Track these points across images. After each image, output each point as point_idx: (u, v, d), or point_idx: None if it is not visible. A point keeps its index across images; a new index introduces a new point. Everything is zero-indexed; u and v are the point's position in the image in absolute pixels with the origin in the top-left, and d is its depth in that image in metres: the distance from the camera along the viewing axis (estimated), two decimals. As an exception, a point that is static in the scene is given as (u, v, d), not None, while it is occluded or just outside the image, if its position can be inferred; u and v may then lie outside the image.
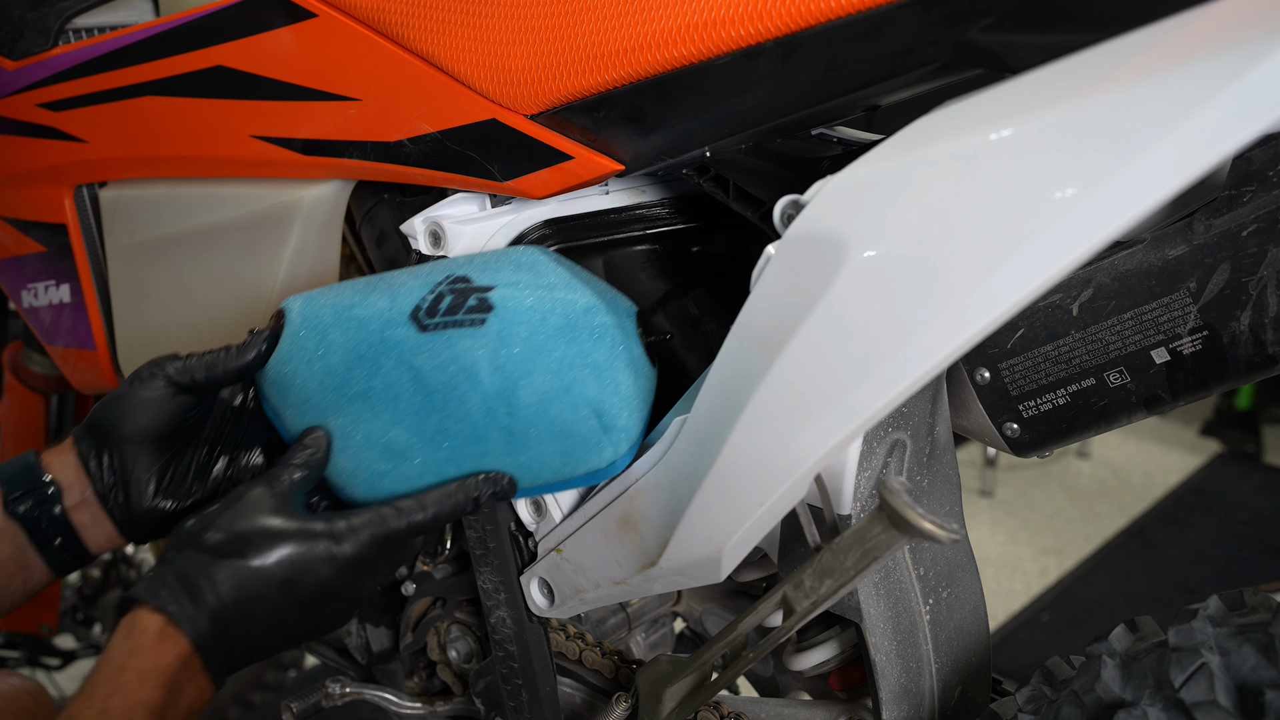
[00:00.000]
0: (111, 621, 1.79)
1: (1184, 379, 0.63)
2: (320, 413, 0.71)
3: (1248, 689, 0.52)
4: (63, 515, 0.67)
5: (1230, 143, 0.43)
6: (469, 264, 0.72)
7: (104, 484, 0.68)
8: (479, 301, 0.70)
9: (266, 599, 0.62)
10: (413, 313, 0.70)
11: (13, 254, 1.08)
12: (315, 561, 0.63)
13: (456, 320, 0.69)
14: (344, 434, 0.70)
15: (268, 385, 0.73)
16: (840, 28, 0.55)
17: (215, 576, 0.60)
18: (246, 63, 0.81)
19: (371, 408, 0.70)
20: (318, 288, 0.74)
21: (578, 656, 0.84)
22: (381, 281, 0.73)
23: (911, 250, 0.51)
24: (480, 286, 0.70)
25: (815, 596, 0.59)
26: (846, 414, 0.53)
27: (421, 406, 0.69)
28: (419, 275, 0.72)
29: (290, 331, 0.71)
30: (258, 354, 0.70)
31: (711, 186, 0.72)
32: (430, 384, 0.68)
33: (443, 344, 0.69)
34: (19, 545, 0.66)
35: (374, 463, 0.70)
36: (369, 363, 0.69)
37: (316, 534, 0.63)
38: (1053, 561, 2.52)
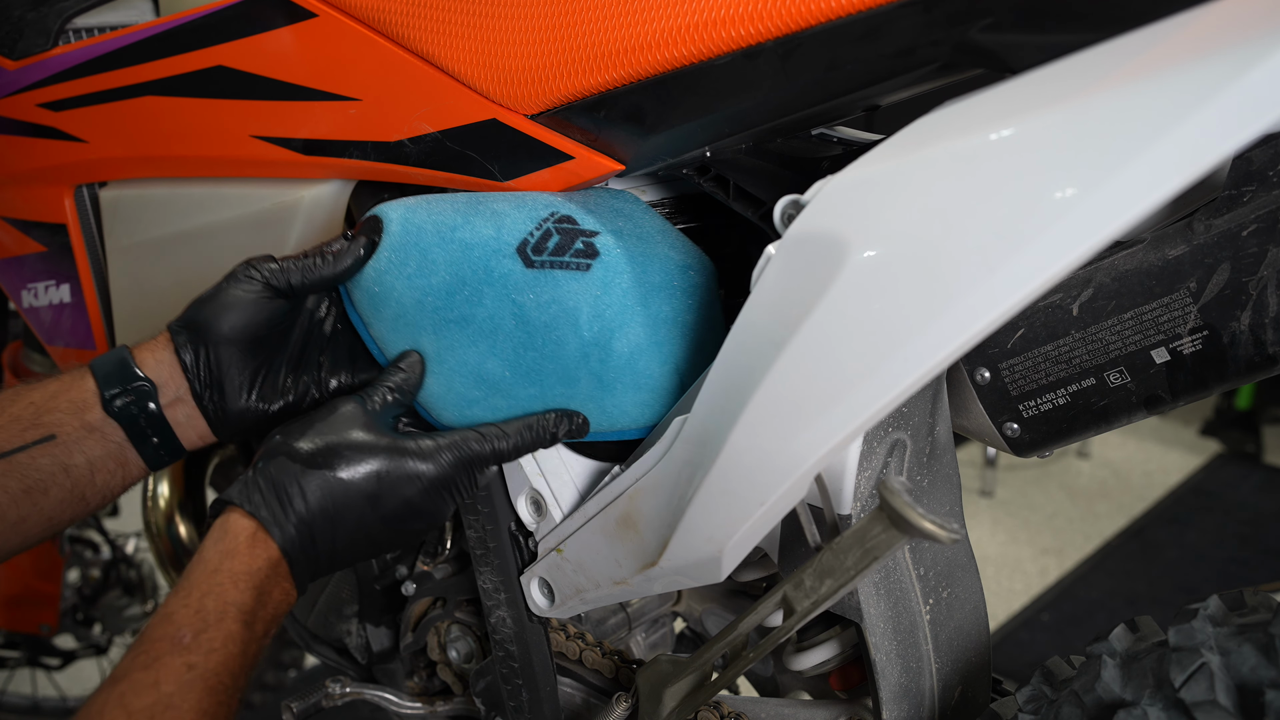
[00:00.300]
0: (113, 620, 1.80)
1: (1184, 379, 0.63)
2: (414, 331, 0.70)
3: (1248, 689, 0.52)
4: (158, 412, 0.67)
5: (1230, 143, 0.43)
6: (570, 202, 0.73)
7: (200, 381, 0.68)
8: (585, 246, 0.70)
9: (353, 510, 0.64)
10: (520, 246, 0.69)
11: (13, 254, 1.08)
12: (402, 478, 0.65)
13: (563, 261, 0.70)
14: (437, 357, 0.70)
15: (358, 293, 0.72)
16: (840, 28, 0.55)
17: (305, 485, 0.63)
18: (247, 63, 0.81)
19: (469, 336, 0.69)
20: (411, 197, 0.72)
21: (578, 656, 0.84)
22: (480, 205, 0.72)
23: (912, 250, 0.51)
24: (586, 230, 0.71)
25: (815, 596, 0.59)
26: (847, 414, 0.53)
27: (520, 342, 0.69)
28: (522, 206, 0.72)
29: (390, 243, 0.70)
30: (354, 261, 0.69)
31: (712, 186, 0.72)
32: (532, 322, 0.69)
33: (548, 283, 0.69)
34: (118, 442, 0.67)
35: (465, 389, 0.70)
36: (472, 290, 0.69)
37: (405, 451, 0.65)
38: (1053, 561, 2.52)
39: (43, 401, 0.66)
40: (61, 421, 0.65)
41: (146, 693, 0.53)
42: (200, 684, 0.54)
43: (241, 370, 0.69)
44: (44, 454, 0.64)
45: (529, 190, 0.73)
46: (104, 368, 0.67)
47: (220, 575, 0.59)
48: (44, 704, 1.94)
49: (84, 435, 0.66)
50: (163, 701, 0.52)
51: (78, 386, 0.66)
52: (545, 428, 0.69)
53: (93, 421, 0.66)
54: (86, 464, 0.66)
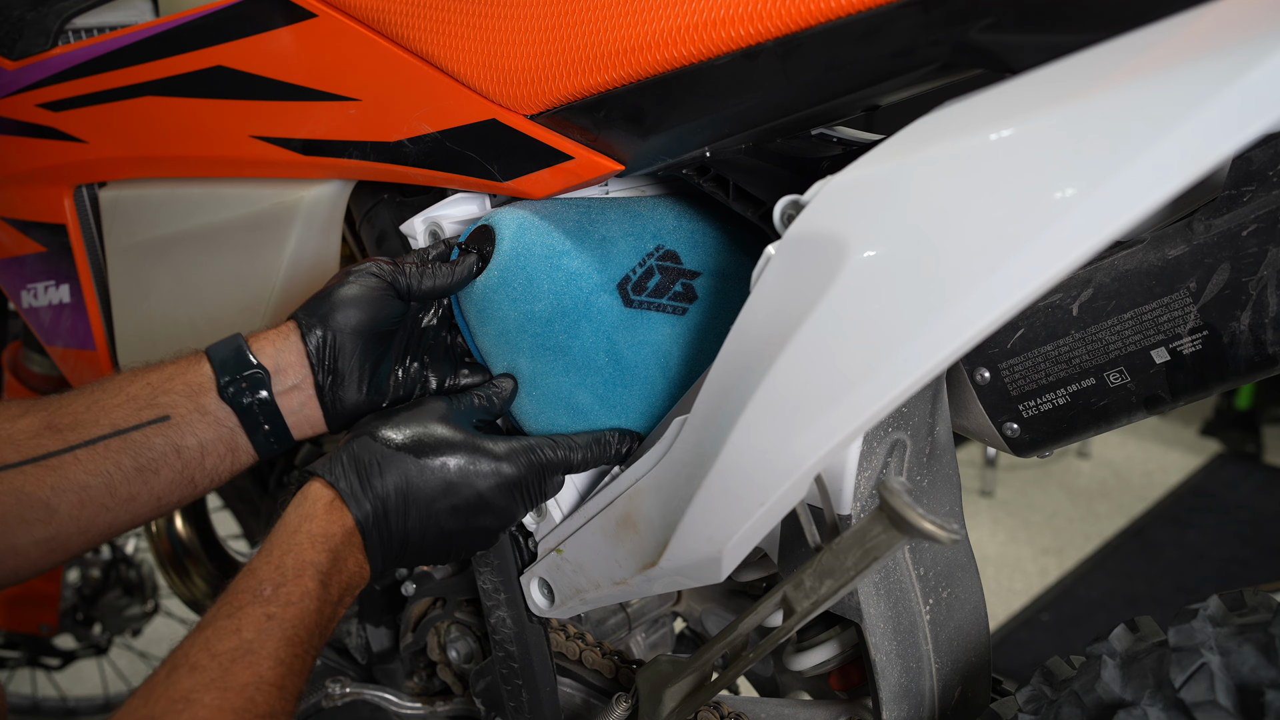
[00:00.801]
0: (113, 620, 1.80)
1: (1184, 379, 0.63)
2: (514, 351, 0.73)
3: (1248, 689, 0.52)
4: (271, 400, 0.68)
5: (1230, 143, 0.43)
6: (680, 231, 0.75)
7: (323, 370, 0.70)
8: (684, 289, 0.73)
9: (426, 495, 0.66)
10: (621, 282, 0.71)
11: (12, 254, 1.08)
12: (476, 473, 0.67)
13: (660, 304, 0.72)
14: (533, 380, 0.73)
15: (467, 303, 0.74)
16: (840, 28, 0.55)
17: (384, 464, 0.66)
18: (246, 63, 0.81)
19: (564, 366, 0.71)
20: (524, 207, 0.73)
21: (578, 656, 0.84)
22: (590, 227, 0.73)
23: (911, 250, 0.51)
24: (687, 271, 0.74)
25: (815, 596, 0.59)
26: (847, 414, 0.53)
27: (611, 379, 0.72)
28: (630, 234, 0.73)
29: (499, 262, 0.71)
30: (467, 276, 0.72)
31: (711, 187, 0.72)
32: (624, 360, 0.71)
33: (644, 324, 0.72)
34: (230, 427, 0.68)
35: (555, 414, 0.73)
36: (570, 321, 0.71)
37: (480, 448, 0.68)
38: (1053, 561, 2.52)
39: (159, 383, 0.67)
40: (176, 403, 0.67)
41: (229, 638, 0.56)
42: (278, 633, 0.57)
43: (360, 364, 0.71)
44: (158, 434, 0.66)
45: (528, 190, 0.72)
46: (220, 353, 0.69)
47: (299, 536, 0.62)
48: (44, 704, 1.94)
49: (197, 418, 0.67)
50: (243, 646, 0.56)
51: (194, 370, 0.68)
52: (611, 444, 0.72)
53: (207, 405, 0.67)
54: (198, 446, 0.67)
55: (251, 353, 0.68)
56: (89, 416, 0.65)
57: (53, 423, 0.65)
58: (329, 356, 0.70)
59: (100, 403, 0.66)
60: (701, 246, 0.76)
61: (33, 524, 0.63)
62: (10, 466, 0.63)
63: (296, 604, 0.59)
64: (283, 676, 0.56)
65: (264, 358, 0.69)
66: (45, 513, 0.63)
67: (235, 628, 0.57)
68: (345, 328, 0.69)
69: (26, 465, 0.63)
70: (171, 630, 2.09)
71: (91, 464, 0.64)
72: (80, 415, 0.65)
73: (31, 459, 0.63)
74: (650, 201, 0.78)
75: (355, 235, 0.94)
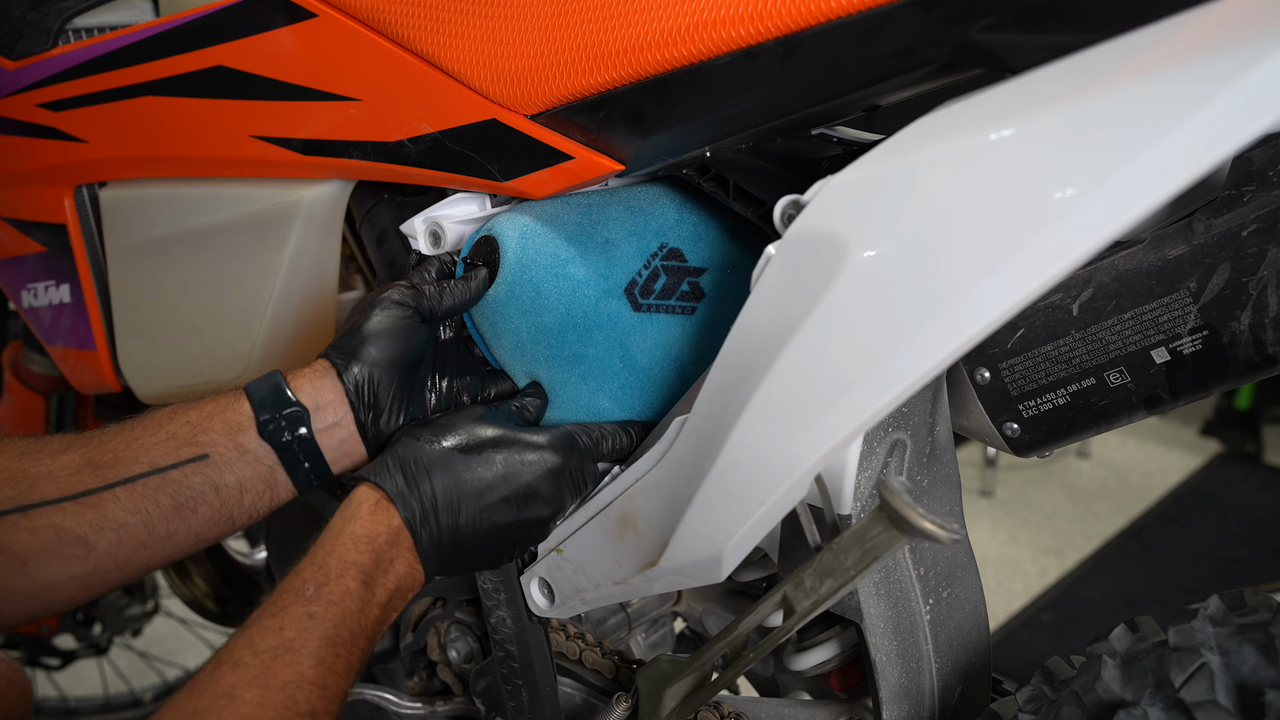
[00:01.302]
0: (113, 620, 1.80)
1: (1184, 379, 0.63)
2: (531, 363, 0.74)
3: (1248, 689, 0.52)
4: (310, 438, 0.68)
5: (1231, 143, 0.43)
6: (682, 226, 0.75)
7: (364, 408, 0.70)
8: (691, 287, 0.74)
9: (475, 490, 0.67)
10: (628, 287, 0.72)
11: (12, 254, 1.08)
12: (523, 463, 0.68)
13: (668, 305, 0.73)
14: (553, 389, 0.74)
15: (479, 317, 0.75)
16: (841, 28, 0.55)
17: (431, 464, 0.66)
18: (246, 63, 0.81)
19: (581, 375, 0.72)
20: (524, 213, 0.73)
21: (578, 656, 0.84)
22: (593, 229, 0.73)
23: (912, 250, 0.51)
24: (692, 268, 0.74)
25: (816, 596, 0.59)
26: (847, 414, 0.53)
27: (628, 383, 0.72)
28: (633, 235, 0.74)
29: (505, 275, 0.72)
30: (483, 289, 0.73)
31: (711, 186, 0.72)
32: (638, 365, 0.72)
33: (654, 327, 0.73)
34: (269, 465, 0.68)
35: (579, 420, 0.73)
36: (582, 331, 0.71)
37: (524, 440, 0.69)
38: (1053, 561, 2.52)
39: (198, 421, 0.67)
40: (215, 441, 0.67)
41: (271, 636, 0.57)
42: (319, 632, 0.58)
43: (397, 394, 0.71)
44: (196, 472, 0.66)
45: (528, 190, 0.72)
46: (259, 392, 0.69)
47: (342, 538, 0.63)
48: (44, 704, 1.94)
49: (237, 457, 0.67)
50: (285, 645, 0.57)
51: (233, 409, 0.68)
52: (633, 432, 0.73)
53: (246, 444, 0.67)
54: (237, 484, 0.67)
55: (290, 390, 0.68)
56: (129, 454, 0.65)
57: (93, 459, 0.65)
58: (369, 393, 0.70)
59: (140, 440, 0.66)
60: (705, 241, 0.76)
61: (70, 560, 0.63)
62: (50, 503, 0.63)
63: (338, 604, 0.59)
64: (324, 675, 0.57)
65: (302, 395, 0.68)
66: (83, 549, 0.63)
67: (278, 626, 0.57)
68: (381, 362, 0.70)
69: (66, 502, 0.63)
70: (171, 630, 2.09)
71: (130, 502, 0.64)
72: (120, 453, 0.65)
73: (71, 495, 0.63)
74: (651, 194, 0.77)
75: (355, 235, 0.94)
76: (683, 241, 0.75)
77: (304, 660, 0.56)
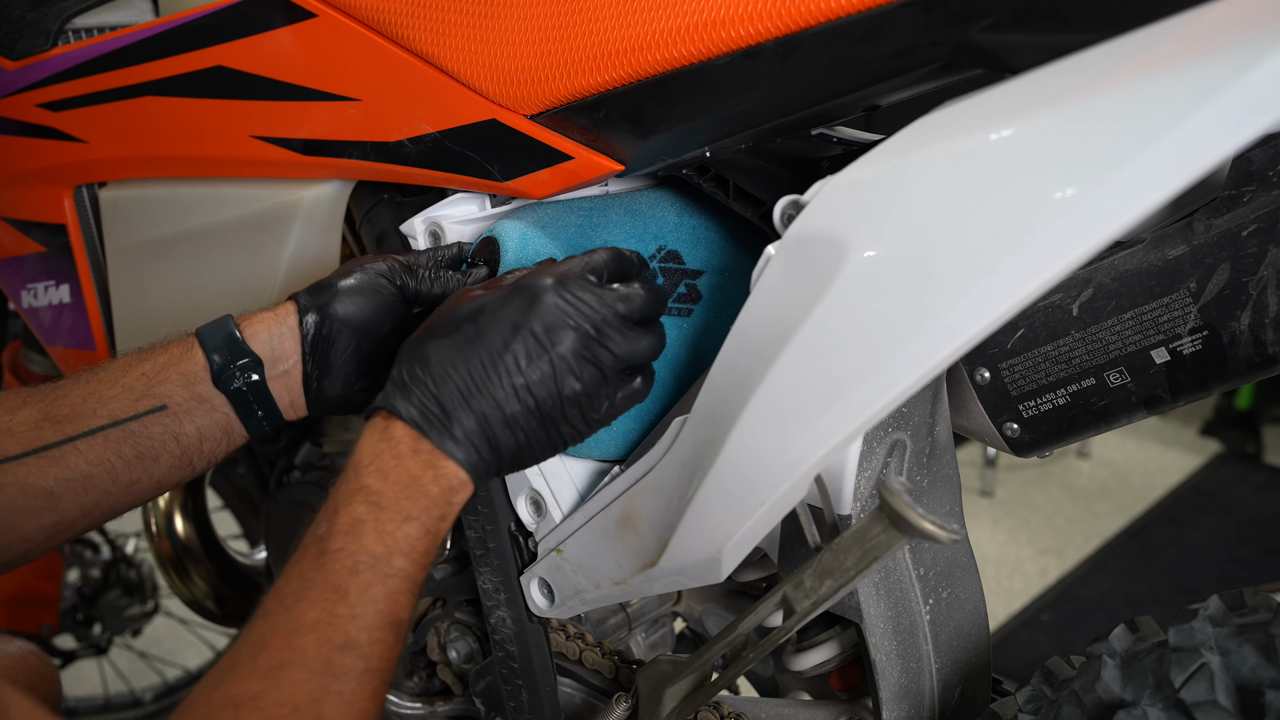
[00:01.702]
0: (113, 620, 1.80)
1: (1184, 379, 0.63)
2: None
3: (1248, 689, 0.52)
4: (263, 385, 0.68)
5: (1231, 143, 0.43)
6: (682, 229, 0.76)
7: (313, 360, 0.70)
8: (689, 289, 0.74)
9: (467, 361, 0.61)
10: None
11: (12, 254, 1.08)
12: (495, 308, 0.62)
13: (667, 308, 0.72)
14: None
15: None
16: (841, 28, 0.55)
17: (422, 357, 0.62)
18: (246, 63, 0.81)
19: None
20: (526, 216, 0.73)
21: (578, 656, 0.84)
22: (593, 232, 0.73)
23: (911, 250, 0.51)
24: (690, 270, 0.75)
25: (816, 596, 0.59)
26: (847, 414, 0.53)
27: None
28: (632, 235, 0.74)
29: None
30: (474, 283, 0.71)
31: (711, 187, 0.72)
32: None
33: None
34: (225, 413, 0.69)
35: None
36: None
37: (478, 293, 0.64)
38: (1053, 561, 2.52)
39: (153, 373, 0.68)
40: (172, 392, 0.67)
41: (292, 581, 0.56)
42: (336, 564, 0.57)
43: (348, 358, 0.70)
44: (156, 423, 0.67)
45: (527, 190, 0.72)
46: (213, 339, 0.68)
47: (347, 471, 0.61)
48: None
49: (194, 406, 0.68)
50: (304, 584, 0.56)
51: (188, 359, 0.68)
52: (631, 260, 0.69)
53: (202, 393, 0.68)
54: (195, 432, 0.68)
55: (244, 338, 0.68)
56: (86, 408, 0.66)
57: (50, 414, 0.65)
58: (321, 346, 0.69)
59: (96, 394, 0.67)
60: (704, 243, 0.76)
61: (39, 512, 0.64)
62: (13, 459, 0.63)
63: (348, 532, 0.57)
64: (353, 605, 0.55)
65: (258, 343, 0.68)
66: (50, 501, 0.64)
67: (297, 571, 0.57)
68: (344, 320, 0.69)
69: (28, 457, 0.64)
70: (171, 630, 2.09)
71: (92, 454, 0.65)
72: (77, 406, 0.66)
73: (32, 450, 0.64)
74: (651, 198, 0.78)
75: (355, 235, 0.94)
76: (681, 244, 0.75)
77: (326, 595, 0.55)
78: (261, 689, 0.50)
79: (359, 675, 0.53)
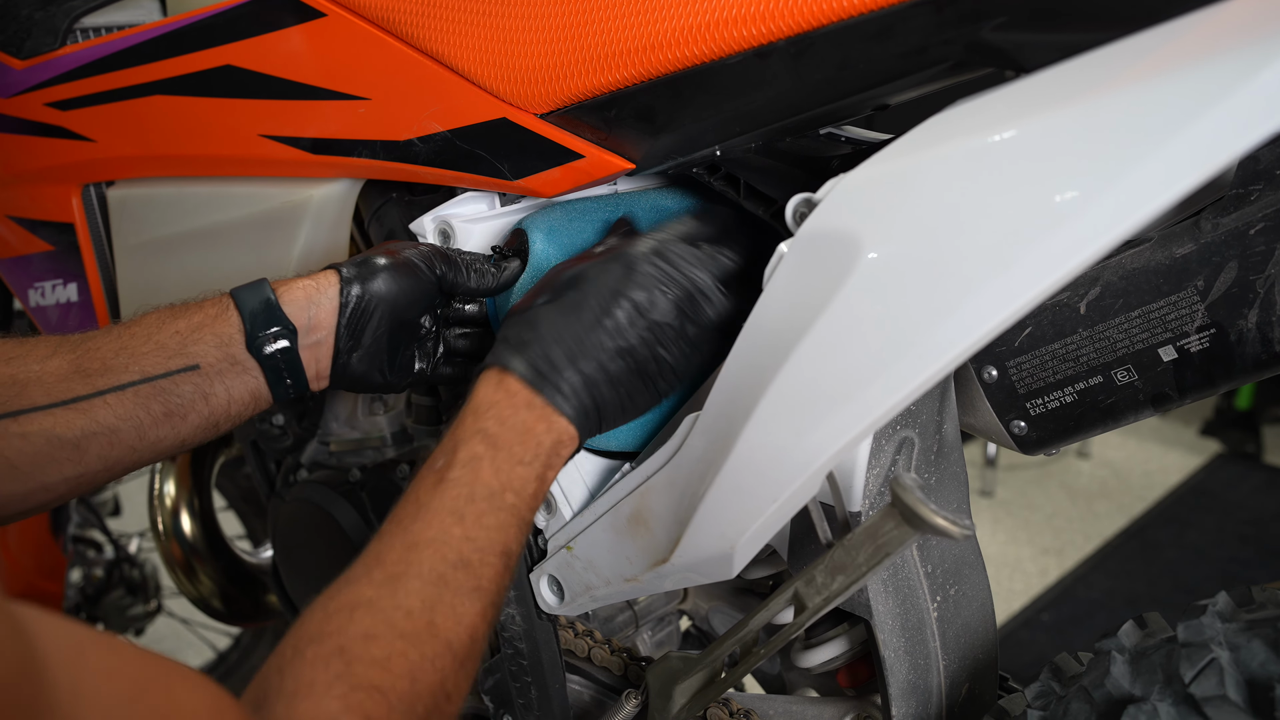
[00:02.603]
0: (116, 619, 1.80)
1: (1191, 377, 0.63)
2: None
3: (1258, 684, 0.52)
4: (295, 354, 0.69)
5: (1242, 143, 0.43)
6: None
7: (349, 335, 0.70)
8: None
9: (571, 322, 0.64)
10: None
11: (20, 253, 1.09)
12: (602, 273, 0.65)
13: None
14: None
15: (503, 305, 0.75)
16: (852, 27, 0.56)
17: (535, 320, 0.65)
18: (255, 62, 0.82)
19: None
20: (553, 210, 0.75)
21: (587, 654, 0.85)
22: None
23: (924, 249, 0.51)
24: None
25: (827, 593, 0.59)
26: (859, 412, 0.53)
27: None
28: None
29: (531, 266, 0.73)
30: (512, 280, 0.74)
31: (722, 185, 0.72)
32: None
33: None
34: (256, 378, 0.69)
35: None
36: None
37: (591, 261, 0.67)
38: (1053, 561, 2.52)
39: (188, 331, 0.68)
40: (205, 353, 0.67)
41: (408, 505, 0.59)
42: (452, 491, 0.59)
43: (380, 338, 0.71)
44: (187, 381, 0.67)
45: (538, 189, 0.73)
46: (249, 304, 0.68)
47: (464, 416, 0.63)
48: (46, 704, 1.94)
49: (226, 368, 0.68)
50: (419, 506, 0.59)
51: (223, 320, 0.68)
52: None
53: (235, 355, 0.68)
54: (225, 393, 0.68)
55: (281, 306, 0.68)
56: (118, 362, 0.66)
57: (81, 366, 0.65)
58: (357, 320, 0.70)
59: (129, 348, 0.66)
60: None
61: (63, 463, 0.64)
62: (41, 409, 0.63)
63: (466, 465, 0.60)
64: (467, 529, 0.58)
65: (294, 310, 0.69)
66: (75, 453, 0.64)
67: (413, 496, 0.59)
68: (384, 297, 0.70)
69: (57, 408, 0.63)
70: (173, 630, 2.09)
71: (121, 409, 0.65)
72: (109, 360, 0.66)
73: (62, 402, 0.64)
74: (676, 195, 0.78)
75: (364, 234, 0.94)
76: None
77: (442, 518, 0.57)
78: (377, 595, 0.53)
79: (470, 591, 0.56)
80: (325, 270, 0.71)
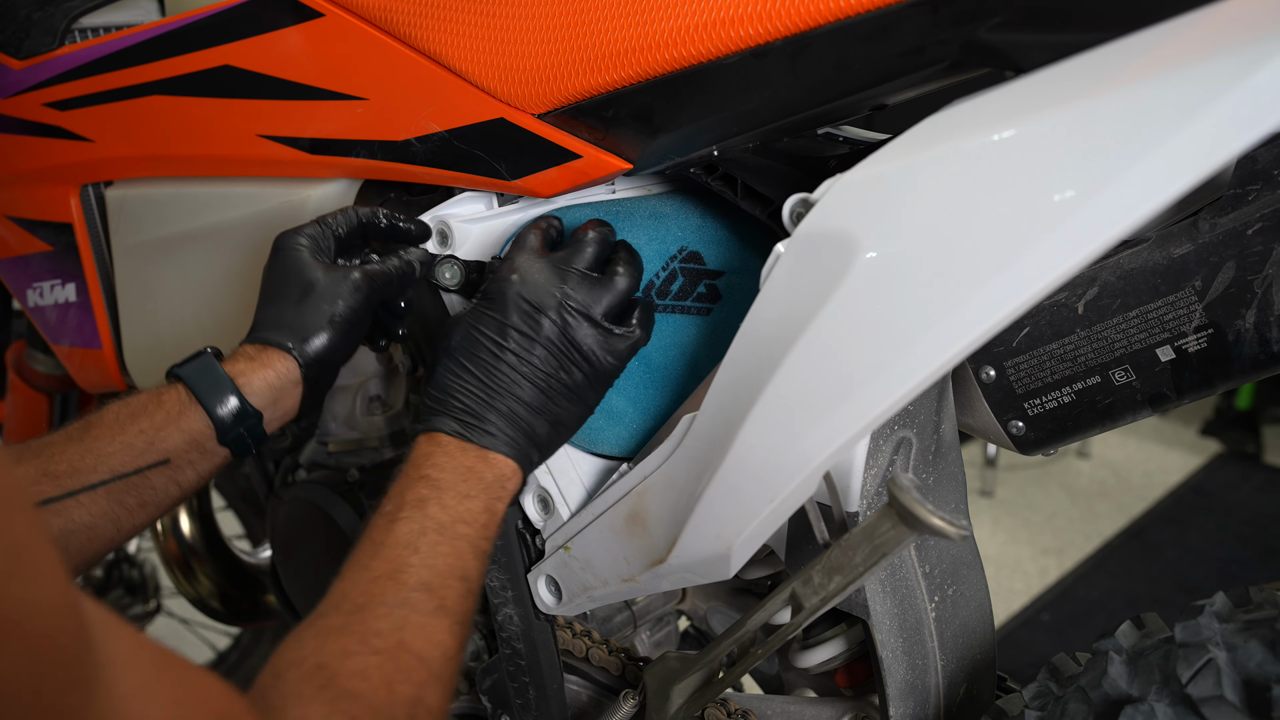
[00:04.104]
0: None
1: (1189, 377, 0.63)
2: None
3: (1255, 684, 0.52)
4: (262, 430, 0.71)
5: (1239, 143, 0.43)
6: (704, 231, 0.76)
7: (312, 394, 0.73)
8: (708, 289, 0.75)
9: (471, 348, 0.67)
10: (645, 288, 0.73)
11: (18, 253, 1.09)
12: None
13: (684, 306, 0.74)
14: None
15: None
16: (849, 27, 0.56)
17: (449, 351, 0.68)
18: (253, 62, 0.82)
19: None
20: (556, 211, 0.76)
21: (584, 654, 0.85)
22: (619, 229, 0.74)
23: (921, 249, 0.51)
24: (711, 270, 0.76)
25: (824, 593, 0.59)
26: (856, 412, 0.53)
27: (644, 381, 0.73)
28: (654, 239, 0.75)
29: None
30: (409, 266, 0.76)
31: (719, 185, 0.72)
32: (653, 363, 0.73)
33: (669, 326, 0.74)
34: (224, 455, 0.71)
35: (594, 420, 0.73)
36: None
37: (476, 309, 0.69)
38: (1053, 561, 2.52)
39: (152, 430, 0.69)
40: (174, 447, 0.69)
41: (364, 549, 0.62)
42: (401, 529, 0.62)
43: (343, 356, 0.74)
44: (159, 475, 0.69)
45: (535, 189, 0.73)
46: (211, 400, 0.69)
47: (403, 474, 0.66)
48: (46, 704, 1.94)
49: (196, 456, 0.70)
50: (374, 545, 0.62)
51: (187, 416, 0.70)
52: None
53: (204, 445, 0.70)
54: (195, 474, 0.71)
55: (246, 399, 0.70)
56: (86, 464, 0.67)
57: (49, 470, 0.66)
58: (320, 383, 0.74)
59: (94, 450, 0.67)
60: (725, 245, 0.77)
61: None
62: None
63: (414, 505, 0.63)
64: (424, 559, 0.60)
65: (260, 400, 0.70)
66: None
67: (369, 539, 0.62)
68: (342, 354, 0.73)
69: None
70: (172, 630, 2.09)
71: (95, 507, 0.66)
72: (76, 463, 0.67)
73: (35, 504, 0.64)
74: (675, 200, 0.78)
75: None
76: (704, 245, 0.76)
77: (398, 551, 0.60)
78: (347, 622, 0.56)
79: (434, 611, 0.58)
80: (277, 353, 0.71)
